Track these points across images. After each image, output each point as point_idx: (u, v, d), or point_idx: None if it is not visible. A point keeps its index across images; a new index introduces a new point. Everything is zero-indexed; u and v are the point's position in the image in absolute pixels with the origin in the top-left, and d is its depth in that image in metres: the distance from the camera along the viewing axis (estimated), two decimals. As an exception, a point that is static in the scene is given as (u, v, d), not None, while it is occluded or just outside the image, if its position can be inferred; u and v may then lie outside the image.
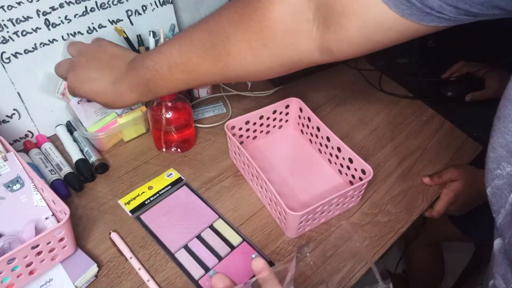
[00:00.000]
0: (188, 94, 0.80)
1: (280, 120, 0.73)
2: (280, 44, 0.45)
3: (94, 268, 0.52)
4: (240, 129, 0.68)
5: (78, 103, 0.66)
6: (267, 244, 0.58)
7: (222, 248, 0.56)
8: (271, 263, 0.55)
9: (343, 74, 0.92)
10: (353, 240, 0.55)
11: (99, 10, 0.70)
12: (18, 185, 0.55)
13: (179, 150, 0.71)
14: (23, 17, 0.62)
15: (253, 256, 0.43)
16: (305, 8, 0.43)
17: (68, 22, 0.67)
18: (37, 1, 0.62)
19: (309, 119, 0.69)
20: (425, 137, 0.77)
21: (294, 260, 0.42)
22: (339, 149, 0.64)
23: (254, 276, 0.53)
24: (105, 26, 0.72)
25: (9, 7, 0.60)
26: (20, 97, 0.67)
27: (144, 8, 0.76)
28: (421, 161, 0.72)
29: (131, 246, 0.57)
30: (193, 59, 0.49)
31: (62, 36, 0.68)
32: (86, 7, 0.68)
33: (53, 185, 0.62)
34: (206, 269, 0.54)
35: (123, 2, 0.72)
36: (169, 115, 0.65)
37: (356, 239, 0.55)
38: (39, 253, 0.48)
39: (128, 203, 0.62)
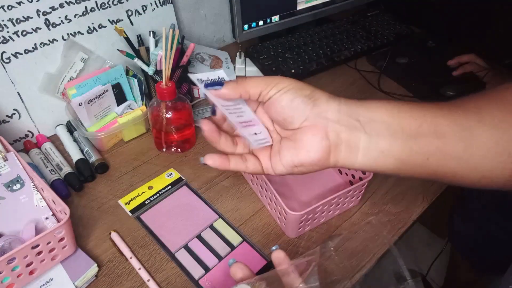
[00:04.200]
0: (188, 94, 0.80)
1: (280, 120, 0.73)
2: None
3: (94, 268, 0.52)
4: (240, 129, 0.68)
5: (80, 104, 0.65)
6: (267, 244, 0.58)
7: (222, 248, 0.56)
8: (271, 263, 0.55)
9: (343, 74, 0.92)
10: (380, 237, 0.55)
11: (99, 10, 0.70)
12: (18, 185, 0.55)
13: (179, 150, 0.71)
14: (23, 17, 0.62)
15: (273, 248, 0.42)
16: None
17: (68, 22, 0.67)
18: (37, 1, 0.62)
19: (309, 119, 0.69)
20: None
21: (318, 253, 0.42)
22: (339, 149, 0.64)
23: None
24: (105, 26, 0.72)
25: (9, 7, 0.60)
26: (20, 97, 0.67)
27: (144, 8, 0.76)
28: (421, 161, 0.72)
29: (131, 246, 0.57)
30: None
31: (62, 36, 0.68)
32: (86, 7, 0.68)
33: (53, 185, 0.62)
34: (206, 269, 0.54)
35: (123, 2, 0.72)
36: (169, 115, 0.65)
37: (385, 235, 0.54)
38: (39, 253, 0.48)
39: (128, 203, 0.62)
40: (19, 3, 0.61)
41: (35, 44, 0.65)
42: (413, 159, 0.36)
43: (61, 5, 0.65)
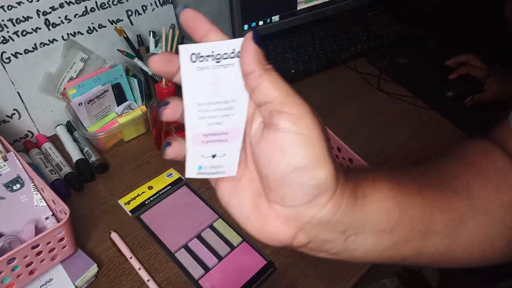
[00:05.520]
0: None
1: (280, 120, 0.72)
2: None
3: (94, 268, 0.52)
4: (240, 129, 0.68)
5: (80, 104, 0.65)
6: (267, 244, 0.58)
7: (222, 248, 0.56)
8: (271, 263, 0.55)
9: (343, 74, 0.91)
10: None
11: (99, 10, 0.70)
12: (18, 185, 0.55)
13: (179, 150, 0.71)
14: (23, 17, 0.62)
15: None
16: None
17: (68, 22, 0.67)
18: (37, 1, 0.62)
19: (309, 119, 0.69)
20: (425, 137, 0.77)
21: None
22: (339, 149, 0.64)
23: (253, 277, 0.54)
24: (105, 26, 0.72)
25: (9, 7, 0.60)
26: (20, 97, 0.67)
27: (144, 8, 0.76)
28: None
29: (131, 246, 0.57)
30: None
31: (62, 36, 0.68)
32: (86, 7, 0.68)
33: (53, 185, 0.62)
34: (206, 269, 0.54)
35: (123, 2, 0.72)
36: (169, 115, 0.65)
37: None
38: (39, 253, 0.48)
39: (128, 203, 0.62)
40: (19, 3, 0.61)
41: (35, 44, 0.65)
42: (384, 260, 0.30)
43: (61, 5, 0.65)
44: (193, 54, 0.25)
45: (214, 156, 0.28)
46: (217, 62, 0.25)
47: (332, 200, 0.25)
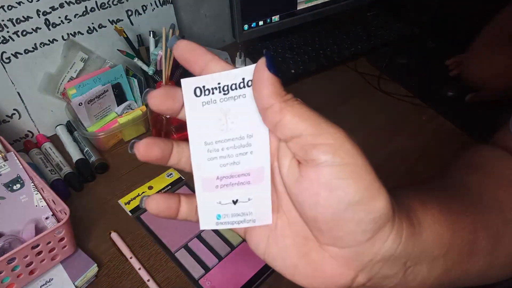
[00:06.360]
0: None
1: (280, 120, 0.72)
2: None
3: (94, 268, 0.52)
4: (240, 129, 0.68)
5: (80, 104, 0.65)
6: None
7: (222, 248, 0.56)
8: (271, 263, 0.55)
9: (343, 75, 0.91)
10: None
11: (99, 10, 0.70)
12: (18, 185, 0.55)
13: (179, 150, 0.71)
14: (23, 17, 0.62)
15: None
16: None
17: (68, 22, 0.67)
18: (37, 1, 0.62)
19: (309, 119, 0.69)
20: (425, 137, 0.77)
21: None
22: (339, 149, 0.64)
23: (253, 277, 0.54)
24: (105, 26, 0.72)
25: (9, 7, 0.60)
26: (20, 97, 0.67)
27: (144, 8, 0.76)
28: (421, 161, 0.72)
29: (131, 246, 0.57)
30: None
31: (62, 36, 0.68)
32: (86, 7, 0.68)
33: (53, 185, 0.62)
34: (206, 269, 0.54)
35: (123, 2, 0.72)
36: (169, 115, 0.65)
37: None
38: (39, 253, 0.48)
39: (128, 203, 0.62)
40: (19, 3, 0.61)
41: (35, 44, 0.65)
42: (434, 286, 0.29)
43: (61, 5, 0.65)
44: (197, 87, 0.23)
45: (235, 202, 0.25)
46: (225, 94, 0.23)
47: (393, 231, 0.22)
